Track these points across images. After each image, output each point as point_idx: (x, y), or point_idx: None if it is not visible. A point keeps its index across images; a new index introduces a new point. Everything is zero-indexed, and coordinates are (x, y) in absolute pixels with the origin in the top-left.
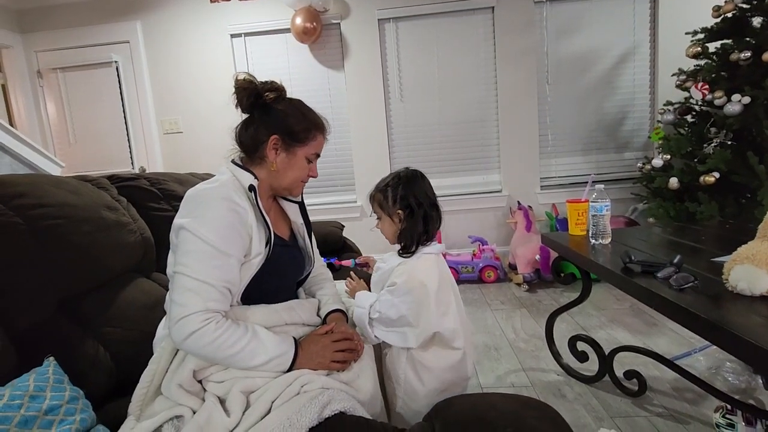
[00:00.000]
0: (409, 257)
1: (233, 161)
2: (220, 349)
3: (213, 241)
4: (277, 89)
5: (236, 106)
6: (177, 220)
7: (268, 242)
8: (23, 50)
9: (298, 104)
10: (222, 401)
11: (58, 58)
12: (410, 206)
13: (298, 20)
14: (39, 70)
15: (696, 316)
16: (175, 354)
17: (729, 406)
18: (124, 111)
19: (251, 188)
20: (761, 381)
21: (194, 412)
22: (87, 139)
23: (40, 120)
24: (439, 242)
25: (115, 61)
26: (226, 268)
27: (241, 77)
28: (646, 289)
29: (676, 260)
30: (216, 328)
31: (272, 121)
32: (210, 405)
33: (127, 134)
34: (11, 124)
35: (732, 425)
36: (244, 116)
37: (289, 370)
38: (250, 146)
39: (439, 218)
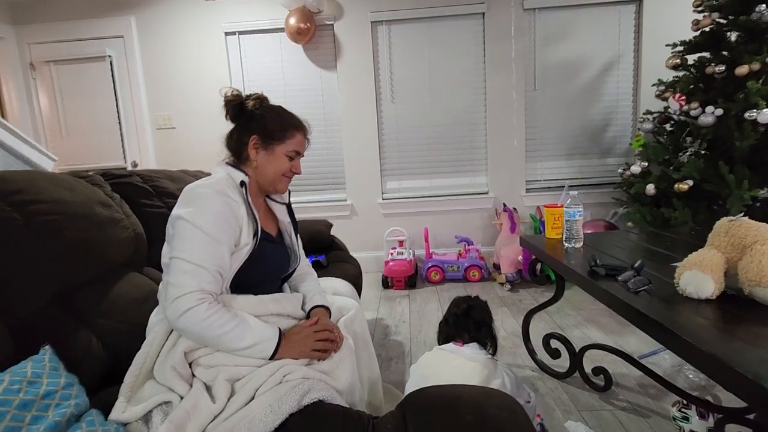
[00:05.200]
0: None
1: (227, 162)
2: (211, 327)
3: (208, 230)
4: (258, 98)
5: (226, 117)
6: (175, 211)
7: (255, 234)
8: (16, 42)
9: (276, 108)
10: (208, 388)
11: (52, 51)
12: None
13: (292, 20)
14: (32, 63)
15: (645, 316)
16: (167, 338)
17: (685, 401)
18: (117, 106)
19: (242, 184)
20: None
21: (182, 398)
22: (79, 132)
23: (32, 113)
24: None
25: (109, 56)
26: (219, 254)
27: (228, 93)
28: (606, 291)
29: (636, 264)
30: (208, 308)
31: (252, 125)
32: (197, 391)
33: (120, 129)
34: (3, 117)
35: (687, 418)
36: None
37: (272, 357)
38: (236, 149)
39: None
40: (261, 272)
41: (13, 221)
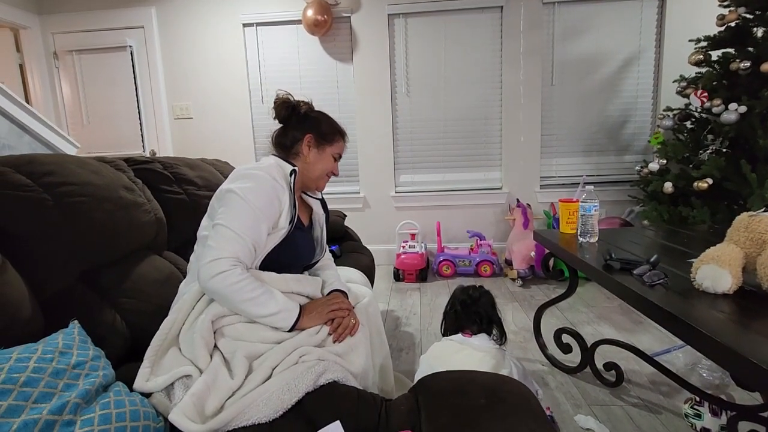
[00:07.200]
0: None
1: (274, 155)
2: (240, 291)
3: (254, 205)
4: (307, 103)
5: (274, 118)
6: (225, 186)
7: (291, 220)
8: (40, 31)
9: (326, 114)
10: (226, 362)
11: (74, 41)
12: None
13: (310, 12)
14: (55, 52)
15: (660, 309)
16: (194, 307)
17: (697, 398)
18: (136, 95)
19: (292, 172)
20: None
21: (201, 372)
22: (100, 121)
23: (55, 101)
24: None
25: (130, 46)
26: (258, 230)
27: (281, 95)
28: (621, 284)
29: (652, 259)
30: (240, 273)
31: (308, 125)
32: (216, 366)
33: (139, 118)
34: (27, 104)
35: (699, 415)
36: (256, 109)
37: (291, 328)
38: (288, 145)
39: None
40: (289, 257)
41: (44, 201)
